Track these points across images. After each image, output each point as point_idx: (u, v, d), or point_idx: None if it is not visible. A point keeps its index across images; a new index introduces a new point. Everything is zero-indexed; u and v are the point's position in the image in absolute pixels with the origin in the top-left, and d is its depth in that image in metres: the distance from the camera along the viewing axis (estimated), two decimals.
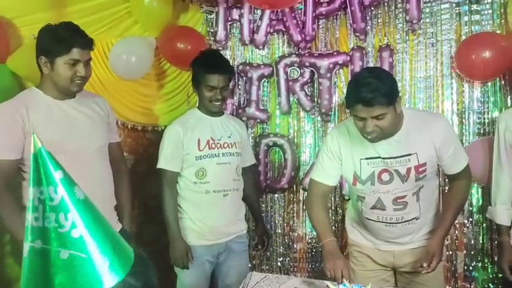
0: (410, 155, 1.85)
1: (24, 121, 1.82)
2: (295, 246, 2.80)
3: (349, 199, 2.35)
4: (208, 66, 2.24)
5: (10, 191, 1.87)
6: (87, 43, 1.88)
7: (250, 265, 2.66)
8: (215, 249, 2.30)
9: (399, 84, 2.57)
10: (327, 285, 1.64)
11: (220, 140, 2.29)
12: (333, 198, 2.72)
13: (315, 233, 2.77)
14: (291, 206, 2.82)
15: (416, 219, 1.96)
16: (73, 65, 1.85)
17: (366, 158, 1.89)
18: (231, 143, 2.31)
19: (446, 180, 2.33)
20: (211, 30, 2.85)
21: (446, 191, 2.42)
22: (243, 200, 2.43)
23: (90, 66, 1.94)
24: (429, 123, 1.87)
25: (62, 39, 1.82)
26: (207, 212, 2.25)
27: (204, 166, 2.24)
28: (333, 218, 2.73)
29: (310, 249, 2.79)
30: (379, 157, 1.87)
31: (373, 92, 1.67)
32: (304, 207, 2.78)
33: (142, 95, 2.92)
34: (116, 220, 2.12)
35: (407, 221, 1.95)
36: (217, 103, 2.27)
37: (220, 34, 2.80)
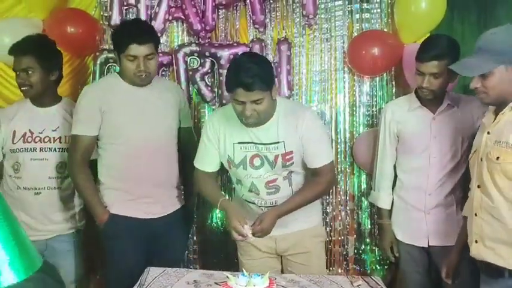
0: (278, 142, 1.93)
1: (101, 103, 2.04)
2: (195, 238, 2.77)
3: None
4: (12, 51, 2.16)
5: (87, 165, 2.11)
6: (143, 40, 2.00)
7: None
8: (36, 246, 2.21)
9: (296, 78, 2.68)
10: (227, 276, 1.64)
11: (41, 134, 2.20)
12: None
13: (215, 225, 2.78)
14: None
15: None
16: (132, 60, 2.00)
17: (239, 143, 1.96)
18: (54, 137, 2.21)
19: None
20: (106, 15, 2.68)
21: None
22: None
23: (154, 60, 2.08)
24: (297, 114, 1.95)
25: (121, 36, 2.03)
26: (21, 208, 2.15)
27: (19, 160, 2.17)
28: None
29: (211, 241, 2.77)
30: (252, 142, 1.95)
31: (254, 77, 1.75)
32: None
33: None
34: (177, 198, 2.27)
35: None
36: (24, 89, 2.16)
37: (115, 19, 2.65)
